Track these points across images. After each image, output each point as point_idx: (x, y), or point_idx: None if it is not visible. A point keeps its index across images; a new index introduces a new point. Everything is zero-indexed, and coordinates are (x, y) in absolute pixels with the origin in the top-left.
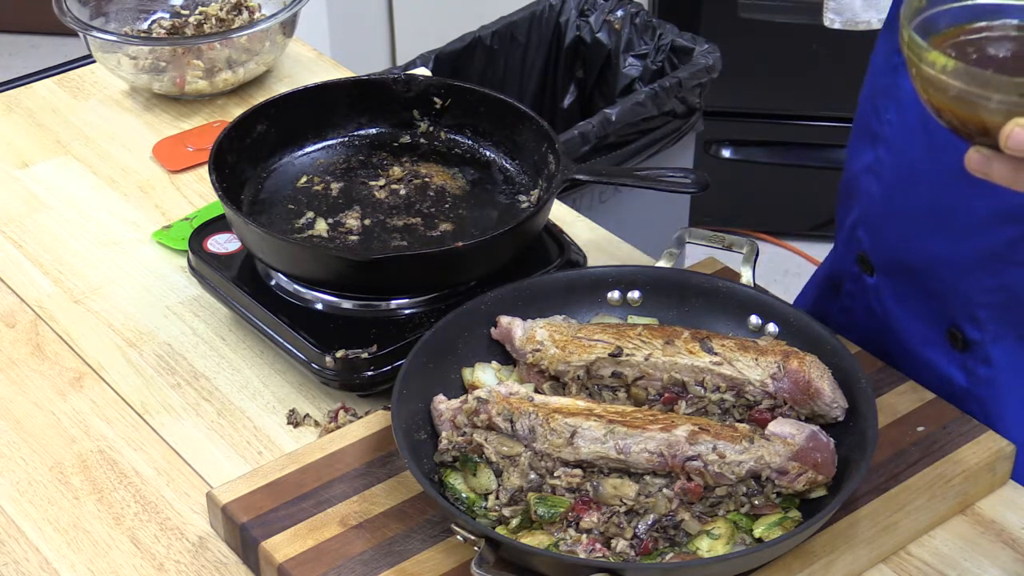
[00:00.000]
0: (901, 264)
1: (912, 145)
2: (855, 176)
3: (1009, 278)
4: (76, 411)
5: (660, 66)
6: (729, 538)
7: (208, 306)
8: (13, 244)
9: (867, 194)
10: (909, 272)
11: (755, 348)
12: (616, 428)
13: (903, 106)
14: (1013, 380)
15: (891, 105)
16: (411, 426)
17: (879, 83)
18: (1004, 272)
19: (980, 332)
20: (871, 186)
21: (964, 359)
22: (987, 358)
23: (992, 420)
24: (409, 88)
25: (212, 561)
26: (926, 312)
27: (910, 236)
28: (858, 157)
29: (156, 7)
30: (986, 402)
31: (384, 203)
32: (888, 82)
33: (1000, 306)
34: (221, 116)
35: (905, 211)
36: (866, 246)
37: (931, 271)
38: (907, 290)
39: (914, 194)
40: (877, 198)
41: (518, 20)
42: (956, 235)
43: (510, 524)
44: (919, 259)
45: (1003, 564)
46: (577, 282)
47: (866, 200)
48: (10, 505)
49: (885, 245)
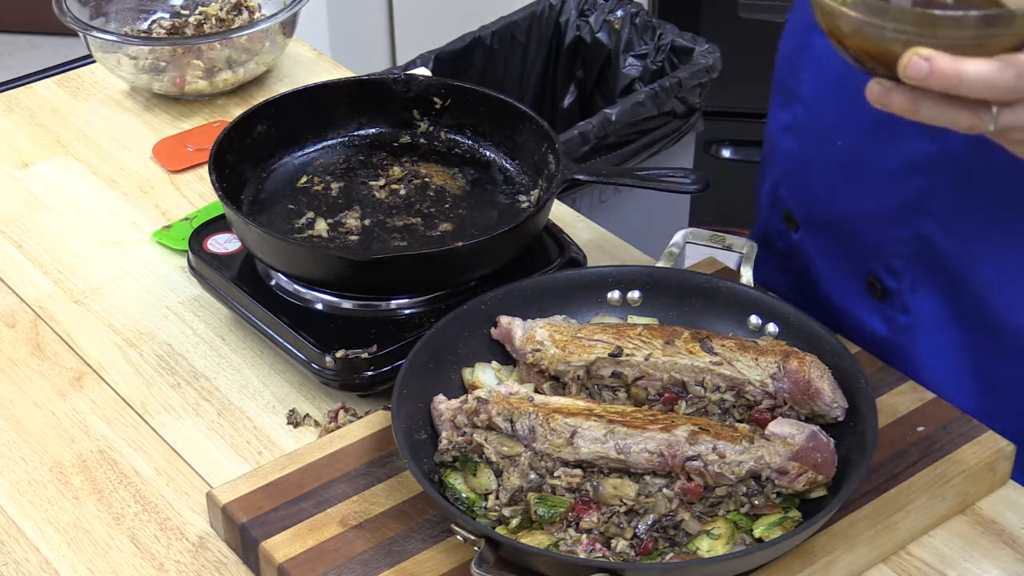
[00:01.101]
0: (821, 219)
1: (826, 102)
2: (775, 136)
3: (922, 228)
4: (76, 411)
5: (660, 66)
6: (729, 538)
7: (208, 306)
8: (13, 244)
9: (786, 153)
10: (829, 226)
11: (755, 348)
12: (616, 428)
13: (818, 64)
14: (931, 327)
15: (806, 63)
16: (411, 426)
17: (795, 42)
18: (916, 222)
19: (897, 281)
20: (790, 145)
21: (884, 308)
22: (906, 306)
23: (913, 368)
24: (409, 88)
25: (212, 561)
26: (846, 264)
27: (827, 191)
28: (777, 118)
29: (156, 7)
30: (906, 349)
31: (384, 203)
32: (803, 40)
33: (915, 255)
34: (221, 116)
35: (822, 167)
36: (790, 203)
37: (848, 224)
38: (828, 243)
39: (829, 150)
40: (796, 156)
41: (518, 20)
42: (869, 188)
43: (510, 524)
44: (837, 213)
45: (1003, 564)
46: (577, 282)
47: (785, 159)
48: (10, 505)
49: (806, 201)
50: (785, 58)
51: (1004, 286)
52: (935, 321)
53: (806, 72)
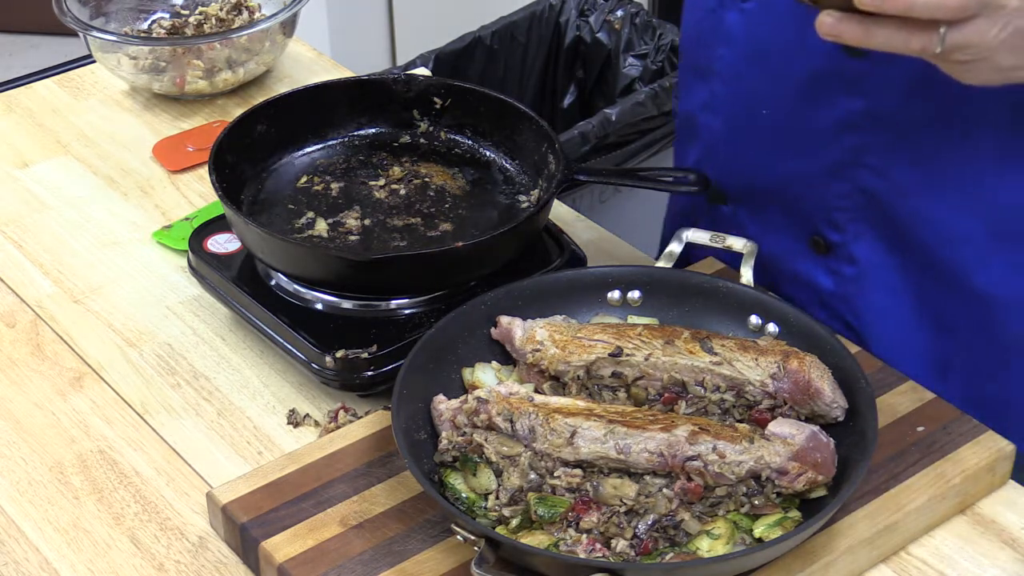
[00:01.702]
0: (754, 188)
1: (747, 76)
2: (691, 115)
3: (861, 181)
4: (76, 411)
5: (660, 66)
6: (729, 538)
7: (208, 306)
8: (13, 244)
9: (708, 130)
10: (764, 194)
11: (755, 348)
12: (616, 428)
13: (732, 40)
14: (877, 274)
15: (720, 41)
16: (411, 426)
17: (701, 24)
18: (855, 176)
19: (840, 235)
20: (712, 122)
21: (828, 262)
22: (851, 257)
23: (861, 316)
24: (409, 88)
25: (212, 561)
26: (785, 226)
27: (760, 161)
28: (691, 96)
29: (156, 7)
30: (854, 299)
31: (384, 203)
32: (713, 21)
33: (856, 208)
34: (221, 116)
35: (751, 139)
36: (718, 178)
37: (786, 189)
38: (764, 210)
39: (757, 121)
40: (718, 131)
41: (518, 20)
42: (803, 151)
43: (510, 524)
44: (772, 180)
45: (1003, 564)
46: (577, 282)
47: (707, 136)
48: (10, 505)
49: (736, 174)
50: (691, 39)
51: (944, 224)
52: (881, 269)
53: (722, 49)
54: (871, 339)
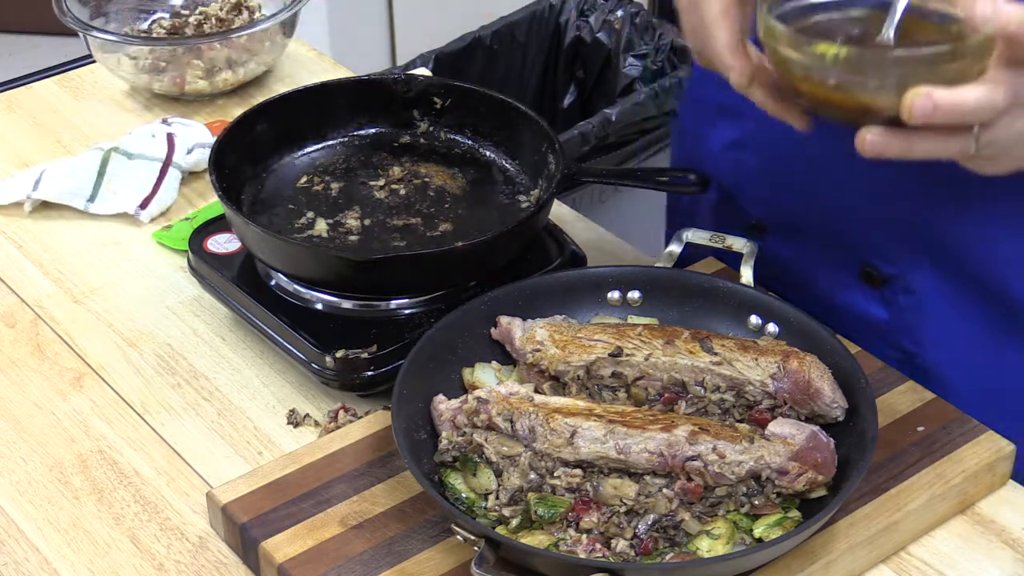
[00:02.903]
0: (795, 224)
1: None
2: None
3: (908, 210)
4: (76, 411)
5: (660, 66)
6: (729, 538)
7: (208, 306)
8: (13, 244)
9: (740, 168)
10: (806, 228)
11: (755, 348)
12: (616, 428)
13: None
14: (936, 301)
15: None
16: (411, 426)
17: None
18: (901, 206)
19: (895, 266)
20: (746, 160)
21: (883, 294)
22: (907, 287)
23: (921, 344)
24: (409, 88)
25: (212, 561)
26: (832, 259)
27: (802, 197)
28: (717, 136)
29: (156, 7)
30: (913, 329)
31: (384, 203)
32: None
33: (908, 237)
34: (221, 116)
35: (790, 172)
36: (755, 212)
37: (832, 223)
38: (807, 244)
39: (794, 156)
40: (752, 167)
41: (518, 20)
42: (847, 184)
43: (510, 524)
44: (816, 215)
45: (1003, 564)
46: (577, 282)
47: (739, 174)
48: (10, 505)
49: (773, 207)
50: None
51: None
52: (938, 294)
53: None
54: (931, 367)
